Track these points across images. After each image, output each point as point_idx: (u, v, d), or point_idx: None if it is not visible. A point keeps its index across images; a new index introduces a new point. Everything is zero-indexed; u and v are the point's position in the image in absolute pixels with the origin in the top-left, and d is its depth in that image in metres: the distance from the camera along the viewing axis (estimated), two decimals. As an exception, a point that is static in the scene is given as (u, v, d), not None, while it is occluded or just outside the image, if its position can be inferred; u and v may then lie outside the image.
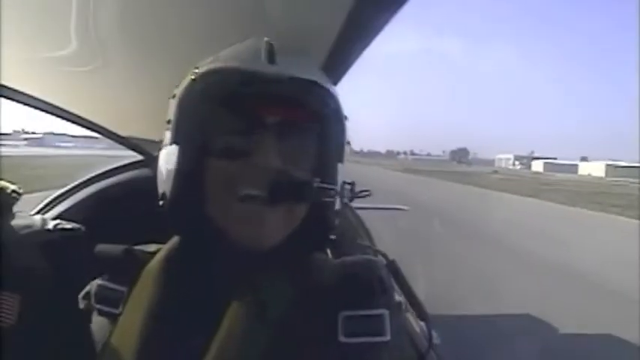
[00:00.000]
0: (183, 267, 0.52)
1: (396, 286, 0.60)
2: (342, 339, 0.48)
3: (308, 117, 0.49)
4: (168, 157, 0.50)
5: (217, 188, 0.48)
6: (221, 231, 0.48)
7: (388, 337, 0.48)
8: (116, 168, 1.41)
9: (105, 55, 0.90)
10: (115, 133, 1.42)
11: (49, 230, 0.68)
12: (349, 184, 0.56)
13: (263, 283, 0.50)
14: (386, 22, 0.65)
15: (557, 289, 4.81)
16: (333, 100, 0.51)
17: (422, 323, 0.64)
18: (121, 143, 1.46)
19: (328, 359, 0.47)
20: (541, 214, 12.90)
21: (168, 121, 0.51)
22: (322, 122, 0.50)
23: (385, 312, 0.49)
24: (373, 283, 0.52)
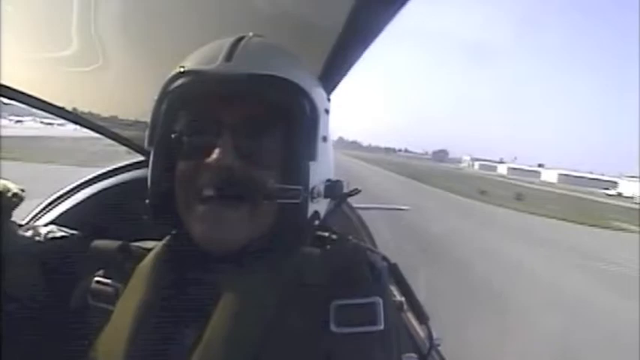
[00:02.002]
0: (172, 266, 0.52)
1: (397, 290, 0.59)
2: (335, 329, 0.46)
3: (268, 113, 0.48)
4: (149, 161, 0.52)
5: (183, 190, 0.49)
6: (188, 233, 0.49)
7: (382, 326, 0.47)
8: (116, 168, 1.41)
9: (106, 55, 0.90)
10: (115, 133, 1.42)
11: (39, 242, 0.67)
12: (333, 182, 0.54)
13: (251, 276, 0.49)
14: (386, 23, 0.65)
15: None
16: (300, 94, 0.49)
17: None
18: (121, 143, 1.45)
19: (321, 350, 0.46)
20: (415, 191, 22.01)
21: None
22: (285, 118, 0.48)
23: (378, 299, 0.48)
24: (364, 270, 0.51)
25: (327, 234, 0.72)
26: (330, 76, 0.97)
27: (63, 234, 0.71)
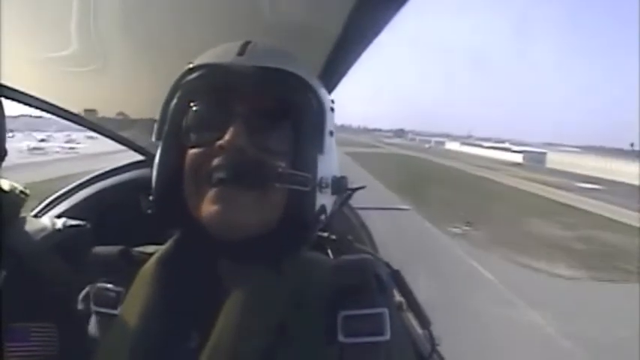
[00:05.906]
0: (177, 267, 0.52)
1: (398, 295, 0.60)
2: (342, 339, 0.47)
3: (278, 105, 0.50)
4: (157, 154, 0.53)
5: (194, 177, 0.49)
6: (197, 220, 0.48)
7: (388, 337, 0.47)
8: (116, 168, 1.41)
9: (105, 55, 0.90)
10: (115, 133, 1.42)
11: (59, 230, 0.68)
12: (338, 178, 0.55)
13: (258, 277, 0.49)
14: (386, 22, 0.65)
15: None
16: (307, 89, 0.51)
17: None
18: (121, 143, 1.46)
19: (328, 359, 0.46)
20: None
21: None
22: (295, 110, 0.50)
23: (384, 310, 0.48)
24: (371, 281, 0.51)
25: (326, 234, 0.72)
26: (330, 76, 0.97)
27: (78, 223, 0.72)
